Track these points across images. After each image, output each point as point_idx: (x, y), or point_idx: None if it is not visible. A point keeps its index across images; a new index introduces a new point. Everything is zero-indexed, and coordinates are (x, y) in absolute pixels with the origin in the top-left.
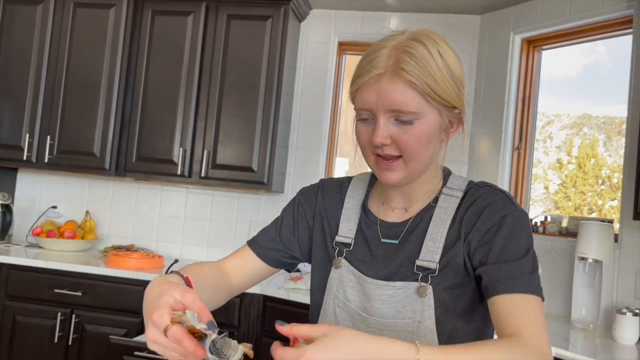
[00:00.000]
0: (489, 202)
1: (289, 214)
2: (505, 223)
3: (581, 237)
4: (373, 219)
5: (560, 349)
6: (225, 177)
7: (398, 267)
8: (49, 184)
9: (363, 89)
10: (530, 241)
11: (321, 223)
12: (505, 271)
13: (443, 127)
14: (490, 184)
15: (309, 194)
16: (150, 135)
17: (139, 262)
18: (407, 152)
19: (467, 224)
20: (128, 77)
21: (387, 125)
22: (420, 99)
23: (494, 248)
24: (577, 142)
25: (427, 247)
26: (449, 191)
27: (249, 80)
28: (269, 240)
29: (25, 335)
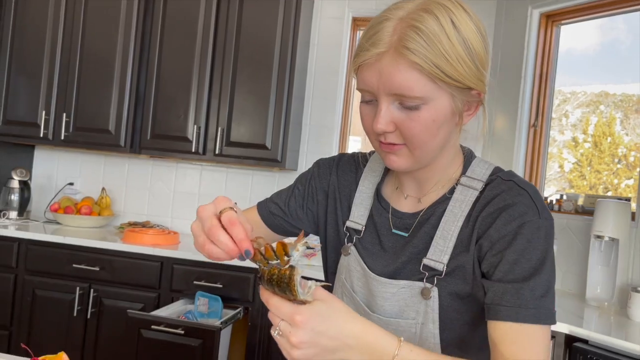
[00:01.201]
0: (509, 204)
1: (302, 184)
2: (521, 234)
3: (598, 215)
4: (385, 206)
5: (574, 326)
6: (239, 155)
7: (404, 263)
8: (65, 160)
9: (363, 69)
10: (547, 255)
11: (334, 204)
12: (512, 295)
13: (456, 111)
14: (516, 178)
15: (324, 168)
16: (164, 113)
17: (155, 238)
18: (412, 141)
19: (481, 226)
20: (142, 54)
21: (389, 111)
22: (427, 82)
23: (504, 261)
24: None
25: (436, 244)
26: (468, 181)
27: (262, 57)
28: (276, 208)
29: (45, 309)
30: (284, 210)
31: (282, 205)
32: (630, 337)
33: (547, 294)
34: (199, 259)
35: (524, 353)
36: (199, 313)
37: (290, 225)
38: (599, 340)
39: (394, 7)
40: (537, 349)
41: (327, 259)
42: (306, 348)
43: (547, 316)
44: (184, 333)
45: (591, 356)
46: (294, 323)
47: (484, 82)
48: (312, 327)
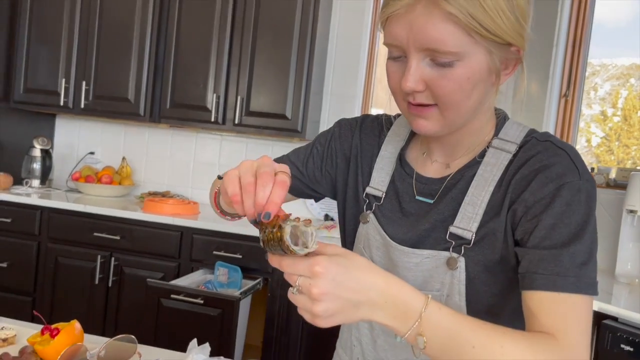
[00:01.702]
0: (545, 165)
1: (321, 144)
2: (560, 196)
3: (631, 189)
4: (409, 171)
5: (603, 302)
6: (259, 125)
7: (428, 231)
8: (86, 129)
9: (392, 21)
10: (588, 220)
11: (355, 169)
12: (550, 262)
13: (493, 69)
14: (553, 138)
15: (346, 129)
16: (183, 82)
17: (175, 208)
18: (443, 101)
19: (514, 189)
20: (160, 22)
21: (419, 67)
22: (463, 36)
23: (540, 226)
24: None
25: (464, 211)
26: (500, 143)
27: (282, 24)
28: (294, 168)
29: (67, 277)
30: (301, 171)
31: (299, 166)
32: None
33: (589, 262)
34: (218, 229)
35: (564, 324)
36: (218, 283)
37: (308, 187)
38: (629, 317)
39: None
40: (577, 320)
41: (345, 228)
42: (328, 301)
43: (589, 285)
44: (203, 303)
45: (621, 334)
46: (314, 274)
47: (524, 38)
48: (332, 277)
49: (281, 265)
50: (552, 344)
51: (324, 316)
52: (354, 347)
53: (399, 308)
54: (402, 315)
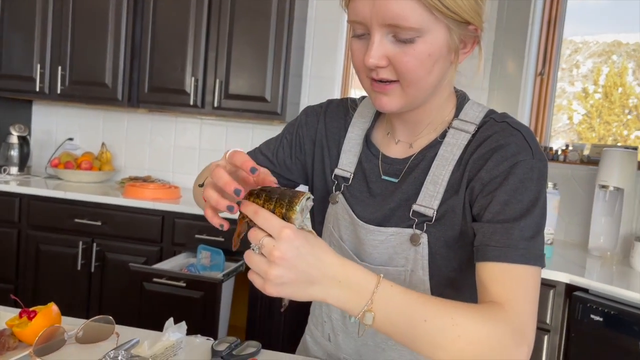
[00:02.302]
0: (501, 144)
1: (290, 133)
2: (513, 173)
3: (603, 164)
4: (375, 152)
5: (575, 275)
6: (239, 108)
7: (393, 210)
8: (64, 116)
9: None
10: (538, 197)
11: (322, 152)
12: (501, 234)
13: (452, 46)
14: (509, 119)
15: (312, 115)
16: (161, 66)
17: (155, 193)
18: (405, 77)
19: (472, 168)
20: (136, 5)
21: (382, 43)
22: (423, 12)
23: (495, 202)
24: (604, 71)
25: (426, 190)
26: (460, 124)
27: (260, 6)
28: (265, 159)
29: (49, 263)
30: (272, 161)
31: (270, 156)
32: (632, 286)
33: (537, 236)
34: (200, 213)
35: (512, 293)
36: (201, 266)
37: (280, 176)
38: (599, 289)
39: None
40: (524, 289)
41: (314, 209)
42: (285, 267)
43: (537, 257)
44: (185, 285)
45: (591, 305)
46: (281, 237)
47: (482, 17)
48: (297, 246)
49: (256, 214)
50: (500, 312)
51: (276, 282)
52: (324, 323)
53: (353, 288)
54: (356, 296)
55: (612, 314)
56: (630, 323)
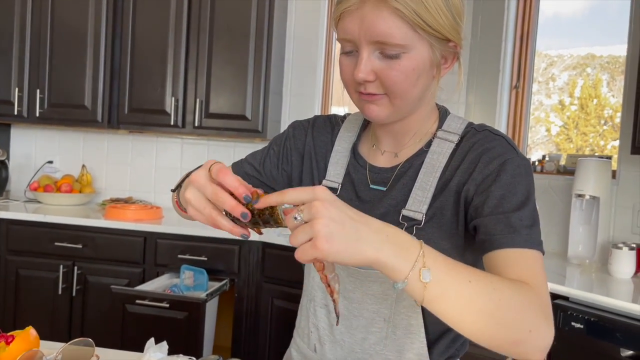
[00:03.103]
0: (487, 148)
1: (277, 145)
2: (504, 170)
3: (579, 174)
4: (362, 163)
5: (556, 284)
6: (219, 126)
7: (383, 216)
8: (43, 139)
9: (345, 17)
10: (530, 190)
11: (310, 164)
12: (503, 224)
13: (435, 62)
14: (489, 127)
15: (300, 129)
16: (141, 86)
17: (137, 214)
18: (391, 90)
19: (464, 173)
20: (115, 27)
21: (370, 59)
22: (408, 30)
23: (491, 197)
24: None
25: (415, 196)
26: (444, 134)
27: (238, 25)
28: (251, 168)
29: (30, 288)
30: (259, 170)
31: (257, 165)
32: (611, 292)
33: (534, 225)
34: (182, 233)
35: (528, 272)
36: (184, 286)
37: (265, 185)
38: (579, 296)
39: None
40: (538, 272)
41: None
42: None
43: (539, 243)
44: (169, 306)
45: (572, 312)
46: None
47: (460, 35)
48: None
49: (282, 194)
50: (527, 287)
51: (325, 235)
52: (310, 334)
53: (402, 245)
54: (406, 252)
55: (592, 321)
56: (611, 330)
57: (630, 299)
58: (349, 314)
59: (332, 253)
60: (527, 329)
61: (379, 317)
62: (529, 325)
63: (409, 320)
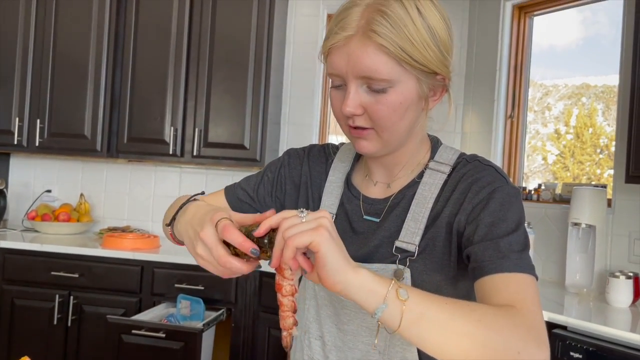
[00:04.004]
0: (476, 178)
1: (271, 172)
2: (493, 198)
3: (574, 202)
4: (356, 194)
5: (554, 313)
6: (218, 155)
7: (376, 247)
8: (42, 168)
9: (333, 52)
10: (520, 217)
11: (306, 194)
12: (493, 249)
13: (422, 95)
14: (480, 158)
15: (295, 158)
16: (140, 116)
17: (135, 243)
18: (379, 123)
19: (455, 204)
20: (115, 57)
21: (357, 93)
22: (394, 65)
23: (481, 225)
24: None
25: (407, 227)
26: (436, 165)
27: (237, 56)
28: (245, 194)
29: (25, 318)
30: (252, 197)
31: (250, 192)
32: (609, 322)
33: (525, 250)
34: (180, 262)
35: (518, 296)
36: (181, 316)
37: (258, 212)
38: (577, 325)
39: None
40: (529, 294)
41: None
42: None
43: (530, 267)
44: (165, 336)
45: (570, 342)
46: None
47: (449, 68)
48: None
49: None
50: (514, 310)
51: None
52: None
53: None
54: (381, 279)
55: (591, 350)
56: (609, 359)
57: (629, 329)
58: (344, 346)
59: (327, 243)
60: (515, 350)
61: (374, 350)
62: (516, 346)
63: (403, 353)
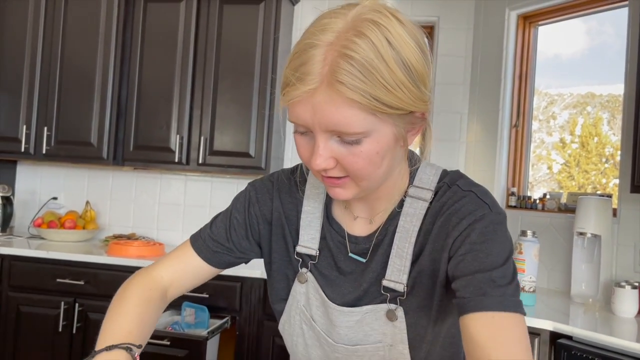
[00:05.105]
0: (455, 209)
1: (239, 213)
2: (474, 230)
3: (579, 212)
4: (338, 229)
5: (560, 323)
6: (223, 164)
7: (365, 290)
8: (48, 175)
9: (294, 105)
10: (506, 248)
11: (281, 230)
12: (474, 286)
13: (400, 137)
14: (459, 182)
15: (262, 191)
16: (146, 124)
17: (140, 250)
18: (355, 174)
19: (436, 239)
20: (122, 66)
21: (327, 146)
22: (367, 116)
23: (465, 260)
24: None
25: (393, 264)
26: (416, 192)
27: (243, 65)
28: (218, 245)
29: (30, 326)
30: (227, 246)
31: (223, 241)
32: (615, 332)
33: (511, 284)
34: None
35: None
36: (185, 324)
37: (238, 258)
38: (582, 336)
39: (319, 27)
40: (511, 337)
41: (274, 286)
42: None
43: (515, 304)
44: (169, 344)
45: (575, 352)
46: None
47: (427, 102)
48: None
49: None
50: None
51: None
52: None
53: None
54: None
55: None
56: None
57: (635, 339)
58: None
59: None
60: None
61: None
62: None
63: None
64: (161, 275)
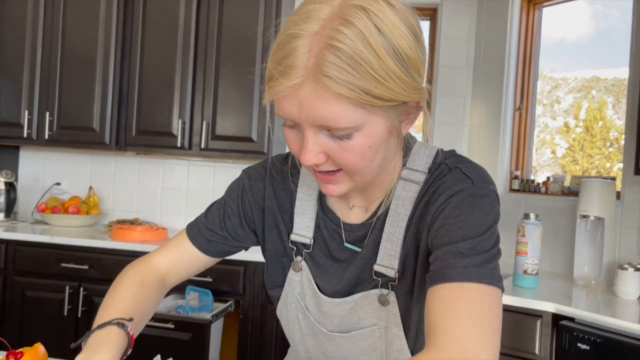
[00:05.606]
0: (438, 186)
1: (233, 201)
2: (449, 204)
3: (583, 195)
4: (332, 218)
5: (562, 305)
6: (225, 148)
7: (357, 276)
8: (51, 161)
9: (280, 100)
10: (484, 221)
11: (274, 218)
12: (440, 259)
13: (393, 128)
14: (448, 160)
15: (256, 181)
16: (148, 109)
17: (143, 235)
18: (348, 169)
19: (420, 219)
20: (124, 51)
21: (317, 141)
22: (357, 110)
23: (438, 235)
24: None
25: (384, 249)
26: (409, 174)
27: (244, 49)
28: (213, 234)
29: (35, 310)
30: (222, 235)
31: (218, 230)
32: (617, 314)
33: (480, 254)
34: None
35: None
36: (189, 308)
37: (234, 246)
38: (585, 317)
39: (303, 15)
40: (468, 310)
41: (270, 272)
42: None
43: (477, 275)
44: (174, 327)
45: (577, 333)
46: None
47: (421, 90)
48: None
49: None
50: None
51: None
52: None
53: None
54: None
55: (599, 342)
56: (617, 351)
57: (637, 320)
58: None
59: None
60: None
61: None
62: None
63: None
64: (159, 262)
